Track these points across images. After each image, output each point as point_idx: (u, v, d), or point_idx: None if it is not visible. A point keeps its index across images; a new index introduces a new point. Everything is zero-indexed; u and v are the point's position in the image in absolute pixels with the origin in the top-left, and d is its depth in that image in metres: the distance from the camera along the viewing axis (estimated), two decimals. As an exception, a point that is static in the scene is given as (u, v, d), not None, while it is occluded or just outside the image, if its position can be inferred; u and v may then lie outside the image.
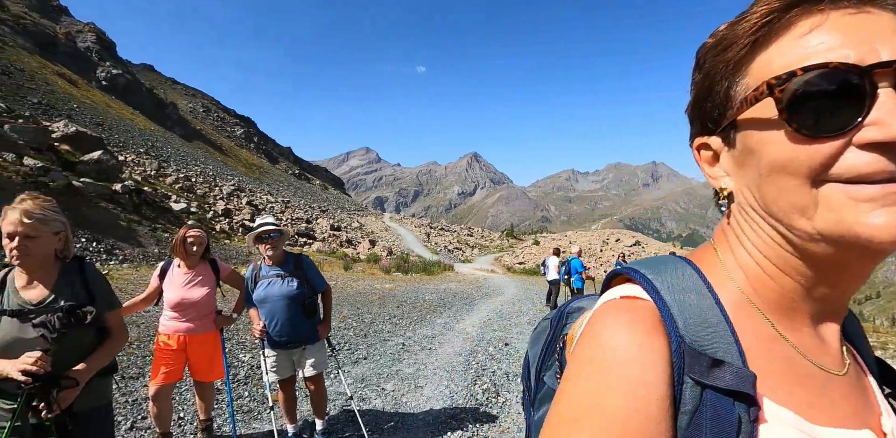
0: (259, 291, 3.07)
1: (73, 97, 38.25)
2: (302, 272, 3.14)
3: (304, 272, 3.15)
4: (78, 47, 53.10)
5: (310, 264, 3.24)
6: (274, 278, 3.09)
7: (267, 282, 3.08)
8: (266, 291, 3.04)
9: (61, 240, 1.79)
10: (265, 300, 3.04)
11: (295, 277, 3.10)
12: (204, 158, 47.54)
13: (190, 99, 79.40)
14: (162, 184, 26.54)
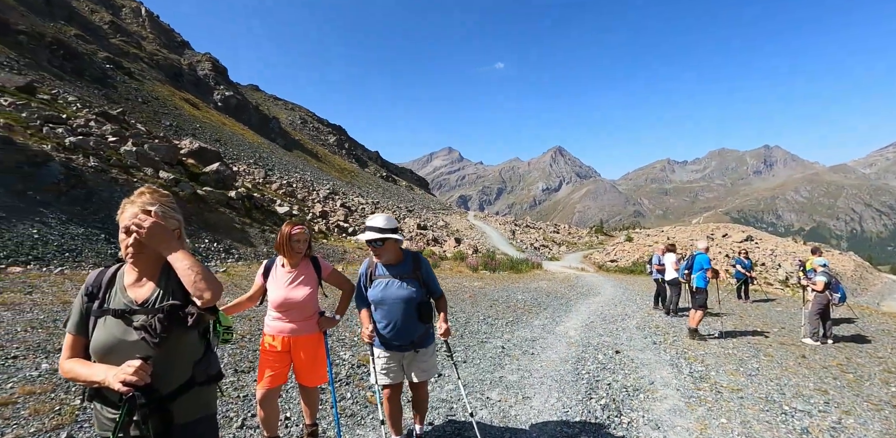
0: (375, 291, 2.91)
1: (196, 118, 43.78)
2: (420, 274, 2.95)
3: (423, 275, 2.97)
4: (198, 75, 60.61)
5: (428, 268, 3.03)
6: (391, 278, 2.91)
7: (384, 282, 2.91)
8: (384, 292, 2.88)
9: (178, 235, 1.71)
10: (382, 301, 2.88)
11: (413, 279, 2.92)
12: (302, 166, 51.55)
13: (289, 113, 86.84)
14: (268, 190, 29.07)
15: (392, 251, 2.94)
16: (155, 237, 1.56)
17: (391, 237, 2.88)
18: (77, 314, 1.64)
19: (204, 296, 1.53)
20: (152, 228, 1.55)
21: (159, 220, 1.59)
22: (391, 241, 2.90)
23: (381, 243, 2.87)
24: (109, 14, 53.86)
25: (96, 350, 1.56)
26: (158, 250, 1.59)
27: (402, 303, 2.84)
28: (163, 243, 1.57)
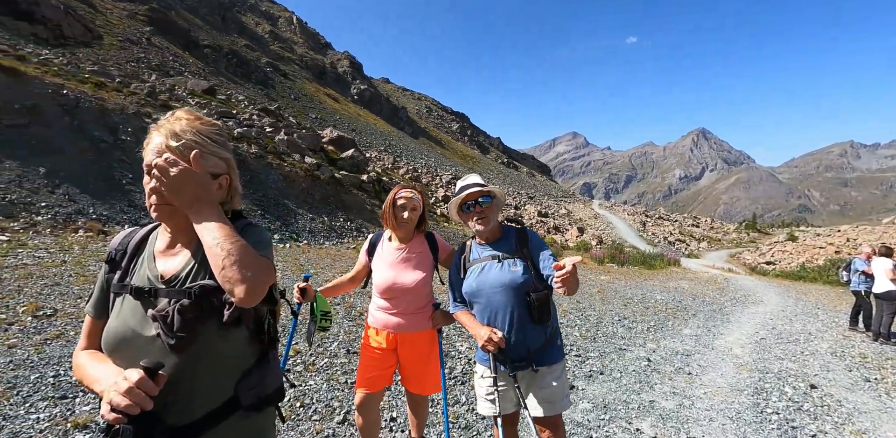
0: (469, 280, 2.13)
1: (336, 111, 48.22)
2: (528, 252, 2.09)
3: (531, 253, 2.09)
4: (338, 72, 66.49)
5: (540, 244, 2.12)
6: (489, 261, 2.11)
7: (480, 267, 2.12)
8: (479, 279, 2.08)
9: (222, 187, 1.15)
10: (478, 292, 2.07)
11: (518, 258, 2.07)
12: (427, 152, 53.53)
13: (416, 102, 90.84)
14: (396, 174, 30.57)
15: (496, 218, 2.19)
16: (176, 187, 1.00)
17: (495, 193, 2.17)
18: (98, 289, 1.17)
19: (234, 292, 0.96)
20: (176, 171, 1.00)
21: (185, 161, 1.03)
22: (495, 200, 2.19)
23: (490, 199, 2.15)
24: (269, 24, 61.72)
25: (105, 344, 1.08)
26: (180, 207, 1.03)
27: (505, 292, 2.01)
28: (186, 198, 1.01)
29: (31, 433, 2.64)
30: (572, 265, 1.62)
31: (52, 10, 26.80)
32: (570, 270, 1.62)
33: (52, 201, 9.59)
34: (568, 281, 1.64)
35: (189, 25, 41.18)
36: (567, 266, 1.61)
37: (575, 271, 1.64)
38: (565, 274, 1.61)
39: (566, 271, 1.61)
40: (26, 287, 5.20)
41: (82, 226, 9.16)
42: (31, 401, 2.96)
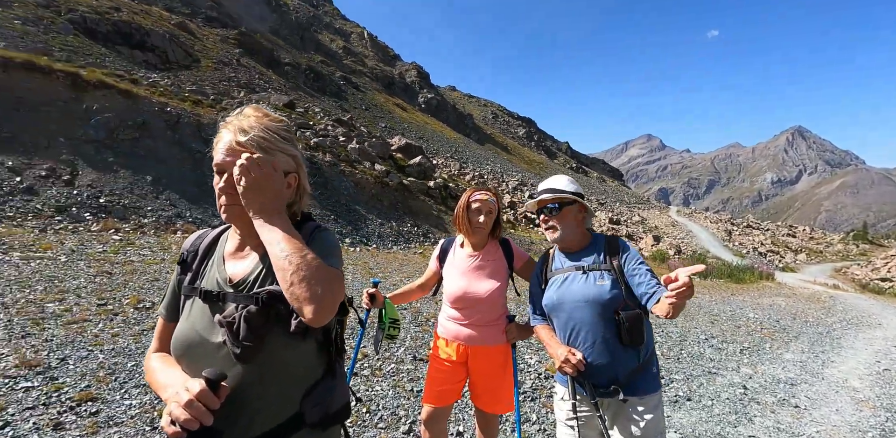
0: (549, 292, 1.92)
1: (404, 119, 49.70)
2: (619, 265, 1.83)
3: (623, 266, 1.83)
4: (406, 82, 68.58)
5: (633, 255, 1.85)
6: (572, 271, 1.89)
7: (562, 278, 1.90)
8: (560, 292, 1.87)
9: (291, 186, 1.08)
10: (559, 306, 1.86)
11: (606, 271, 1.82)
12: (493, 158, 53.33)
13: (482, 109, 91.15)
14: (462, 181, 30.70)
15: (572, 226, 1.93)
16: (253, 190, 0.96)
17: (571, 199, 1.92)
18: (170, 290, 1.15)
19: (303, 311, 0.89)
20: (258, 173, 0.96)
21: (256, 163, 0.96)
22: (572, 209, 1.93)
23: (557, 209, 1.92)
24: (343, 40, 65.27)
25: (174, 348, 1.04)
26: (250, 211, 0.97)
27: (589, 308, 1.78)
28: (259, 202, 0.97)
29: (123, 418, 2.84)
30: (688, 277, 1.30)
31: (160, 38, 30.42)
32: (686, 282, 1.30)
33: (156, 206, 10.71)
34: (684, 296, 1.33)
35: (272, 46, 44.75)
36: (681, 278, 1.30)
37: (692, 286, 1.32)
38: (681, 288, 1.30)
39: (682, 284, 1.30)
40: (131, 282, 5.78)
41: (180, 228, 10.12)
42: (125, 388, 3.21)
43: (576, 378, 1.77)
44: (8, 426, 2.60)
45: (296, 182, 1.09)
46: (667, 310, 1.52)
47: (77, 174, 10.47)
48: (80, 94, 12.37)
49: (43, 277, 5.46)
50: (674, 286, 1.32)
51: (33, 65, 12.30)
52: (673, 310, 1.47)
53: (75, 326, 4.15)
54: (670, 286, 1.34)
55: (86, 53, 23.95)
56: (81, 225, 8.97)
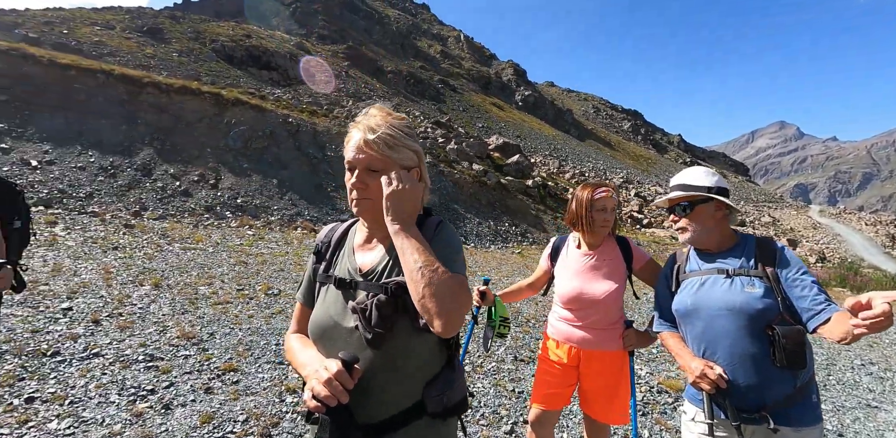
0: (682, 296, 1.67)
1: (501, 118, 49.47)
2: (774, 273, 1.53)
3: (779, 272, 1.53)
4: (503, 81, 68.24)
5: (794, 263, 1.53)
6: (713, 274, 1.62)
7: (699, 281, 1.64)
8: (697, 296, 1.61)
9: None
10: (693, 312, 1.61)
11: (757, 278, 1.54)
12: (595, 155, 50.63)
13: (582, 103, 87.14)
14: (561, 179, 29.61)
15: (707, 227, 1.66)
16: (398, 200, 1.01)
17: (705, 196, 1.64)
18: (306, 278, 1.25)
19: (433, 323, 0.92)
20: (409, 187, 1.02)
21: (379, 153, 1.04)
22: (707, 207, 1.65)
23: (689, 208, 1.67)
24: (440, 45, 67.15)
25: (311, 331, 1.13)
26: (389, 218, 1.01)
27: (733, 317, 1.51)
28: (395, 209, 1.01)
29: (257, 389, 3.15)
30: (887, 305, 1.02)
31: (282, 58, 34.14)
32: (886, 311, 1.02)
33: (281, 205, 11.99)
34: (878, 328, 1.06)
35: (376, 56, 47.73)
36: (877, 306, 1.03)
37: (892, 316, 1.03)
38: (878, 317, 1.03)
39: (879, 313, 1.03)
40: (262, 271, 6.50)
41: (300, 225, 11.20)
42: (259, 363, 3.57)
43: (713, 397, 1.51)
44: (172, 386, 3.04)
45: (418, 176, 1.12)
46: (845, 337, 1.23)
47: (220, 179, 12.16)
48: (222, 110, 14.37)
49: (196, 264, 6.38)
50: (868, 314, 1.04)
51: (188, 89, 14.59)
52: (853, 339, 1.19)
53: (220, 306, 4.76)
54: (863, 315, 1.05)
55: (225, 76, 27.85)
56: (223, 222, 10.38)
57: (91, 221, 8.25)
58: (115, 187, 10.40)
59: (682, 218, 1.69)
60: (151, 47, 28.61)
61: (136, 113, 12.92)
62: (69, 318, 3.92)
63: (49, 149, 10.60)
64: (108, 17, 32.06)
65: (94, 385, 2.92)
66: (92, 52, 23.58)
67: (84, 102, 12.36)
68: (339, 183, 14.28)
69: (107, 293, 4.68)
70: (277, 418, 2.84)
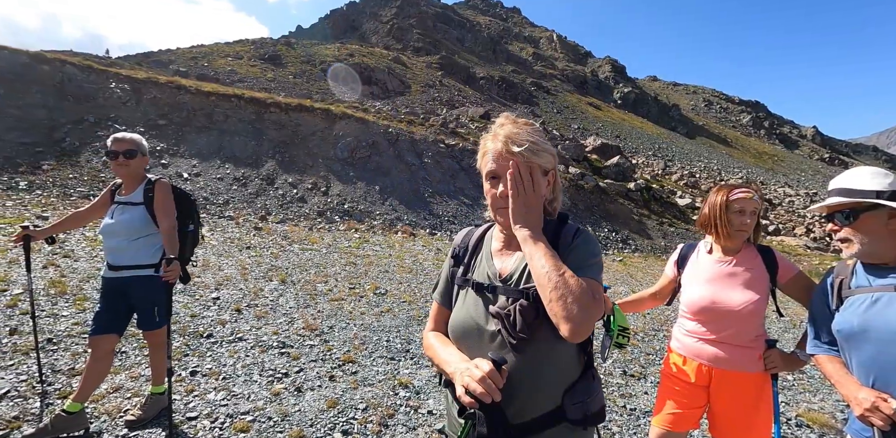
0: (847, 315, 1.43)
1: (598, 119, 47.18)
2: None
3: None
4: (600, 79, 65.14)
5: None
6: (889, 292, 1.37)
7: (870, 299, 1.40)
8: (866, 317, 1.38)
9: (550, 183, 1.13)
10: (862, 335, 1.38)
11: None
12: (707, 153, 45.88)
13: (691, 97, 79.65)
14: (667, 181, 27.33)
15: (877, 239, 1.40)
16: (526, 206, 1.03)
17: (872, 203, 1.37)
18: (443, 279, 1.30)
19: (560, 327, 0.92)
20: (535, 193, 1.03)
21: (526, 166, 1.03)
22: (876, 216, 1.39)
23: (852, 216, 1.42)
24: (532, 47, 66.21)
25: (452, 331, 1.19)
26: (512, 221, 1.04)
27: None
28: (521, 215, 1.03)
29: (373, 381, 3.34)
30: None
31: (381, 73, 36.33)
32: None
33: (382, 210, 12.71)
34: None
35: (468, 63, 48.57)
36: None
37: None
38: None
39: None
40: (369, 271, 6.92)
41: (400, 229, 11.74)
42: (373, 357, 3.78)
43: (886, 434, 1.27)
44: (301, 371, 3.35)
45: (554, 179, 1.13)
46: None
47: (330, 186, 13.26)
48: (332, 124, 15.69)
49: (313, 263, 7.01)
50: None
51: (303, 106, 16.20)
52: None
53: (336, 303, 5.16)
54: None
55: (332, 93, 30.42)
56: (333, 225, 11.29)
57: (228, 224, 9.51)
58: (246, 195, 11.89)
59: (845, 228, 1.45)
60: (272, 72, 32.37)
61: (262, 130, 14.66)
62: (218, 306, 4.54)
63: (196, 163, 12.47)
64: (238, 48, 37.00)
65: (241, 365, 3.34)
66: (227, 79, 27.36)
67: (222, 122, 14.35)
68: (435, 189, 14.74)
69: (244, 286, 5.34)
70: (392, 410, 2.98)
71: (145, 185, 2.45)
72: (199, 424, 2.58)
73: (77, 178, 10.30)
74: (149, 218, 2.40)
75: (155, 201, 2.40)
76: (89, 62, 15.35)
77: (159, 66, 27.17)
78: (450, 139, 18.31)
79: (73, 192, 9.69)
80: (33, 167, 10.25)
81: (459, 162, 16.93)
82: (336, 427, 2.71)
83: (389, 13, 58.23)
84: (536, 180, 1.03)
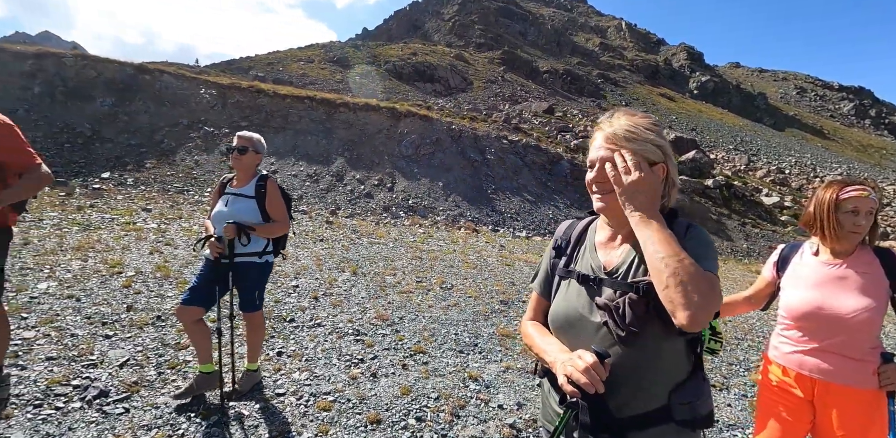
0: None
1: (672, 110, 44.30)
2: None
3: None
4: (673, 68, 61.06)
5: None
6: None
7: None
8: None
9: (660, 178, 1.08)
10: None
11: None
12: (799, 147, 41.47)
13: (780, 84, 72.29)
14: (751, 178, 25.16)
15: None
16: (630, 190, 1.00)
17: None
18: (543, 270, 1.31)
19: (676, 315, 0.89)
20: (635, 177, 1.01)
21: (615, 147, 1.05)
22: None
23: None
24: (598, 37, 63.46)
25: (552, 321, 1.19)
26: (623, 207, 1.02)
27: None
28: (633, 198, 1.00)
29: (444, 372, 3.39)
30: None
31: (443, 70, 36.59)
32: None
33: (445, 206, 12.84)
34: None
35: (531, 57, 47.56)
36: None
37: None
38: None
39: None
40: (435, 266, 7.03)
41: (463, 225, 11.81)
42: (442, 349, 3.84)
43: None
44: (376, 358, 3.48)
45: (664, 173, 1.09)
46: None
47: (395, 183, 13.62)
48: (396, 122, 16.09)
49: (381, 256, 7.24)
50: None
51: (370, 106, 16.75)
52: None
53: (405, 295, 5.30)
54: None
55: (397, 92, 31.14)
56: (398, 221, 11.59)
57: (302, 218, 10.08)
58: (318, 191, 12.54)
59: None
60: (340, 73, 33.79)
61: (332, 129, 15.36)
62: (297, 293, 4.84)
63: (273, 161, 13.35)
64: (309, 53, 39.00)
65: (320, 349, 3.53)
66: (299, 82, 28.95)
67: (296, 122, 15.23)
68: (497, 185, 14.65)
69: (320, 276, 5.64)
70: (463, 401, 3.01)
71: (257, 180, 2.69)
72: (286, 400, 2.76)
73: (173, 175, 11.42)
74: (258, 211, 2.64)
75: (268, 198, 2.65)
76: (182, 71, 16.94)
77: (241, 72, 29.35)
78: (513, 135, 18.08)
79: (170, 188, 10.77)
80: (138, 166, 11.51)
81: (523, 158, 16.67)
82: (410, 413, 2.79)
83: (451, 10, 58.47)
84: (641, 165, 1.02)
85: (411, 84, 34.29)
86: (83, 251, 5.26)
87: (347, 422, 2.62)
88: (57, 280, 4.25)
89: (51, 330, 3.26)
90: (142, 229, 6.90)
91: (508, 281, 6.60)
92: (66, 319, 3.48)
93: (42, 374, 2.70)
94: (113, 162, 11.37)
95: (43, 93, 13.04)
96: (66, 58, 14.29)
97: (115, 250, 5.54)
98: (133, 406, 2.52)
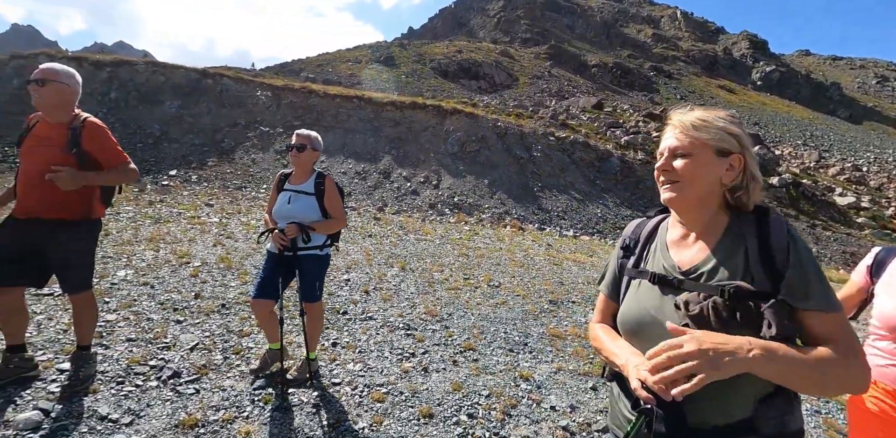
0: None
1: (732, 103, 41.68)
2: None
3: None
4: (734, 57, 57.36)
5: None
6: None
7: None
8: None
9: (733, 167, 1.02)
10: None
11: None
12: (879, 142, 37.76)
13: (857, 73, 66.08)
14: (823, 176, 23.25)
15: None
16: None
17: None
18: (611, 271, 1.27)
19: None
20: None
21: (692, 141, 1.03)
22: None
23: None
24: (651, 28, 60.64)
25: (622, 323, 1.14)
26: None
27: None
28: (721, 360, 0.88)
29: (494, 371, 3.36)
30: None
31: (488, 67, 36.29)
32: None
33: (491, 204, 12.76)
34: None
35: (578, 51, 46.22)
36: None
37: None
38: None
39: None
40: (481, 263, 7.00)
41: (508, 223, 11.69)
42: (492, 347, 3.81)
43: None
44: (427, 353, 3.51)
45: (740, 164, 1.03)
46: None
47: (441, 180, 13.69)
48: (442, 120, 16.15)
49: (428, 253, 7.30)
50: None
51: (415, 104, 16.92)
52: None
53: (453, 291, 5.30)
54: None
55: (442, 89, 31.26)
56: (444, 218, 11.64)
57: (351, 214, 10.35)
58: (366, 188, 12.83)
59: None
60: (386, 73, 34.37)
61: (379, 127, 15.65)
62: (349, 287, 4.96)
63: (324, 159, 13.78)
64: (356, 53, 39.94)
65: (373, 342, 3.60)
66: (348, 82, 29.73)
67: (345, 121, 15.64)
68: (544, 183, 14.36)
69: (370, 270, 5.76)
70: (515, 400, 2.96)
71: (315, 178, 2.81)
72: (342, 389, 2.84)
73: (232, 172, 12.07)
74: (318, 208, 2.77)
75: (326, 195, 2.77)
76: (240, 75, 17.83)
77: (293, 74, 30.52)
78: (560, 132, 17.66)
79: (229, 184, 11.39)
80: (201, 164, 12.25)
81: (570, 155, 16.26)
82: (462, 409, 2.78)
83: (496, 6, 57.93)
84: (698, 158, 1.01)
85: (456, 82, 34.31)
86: (155, 243, 5.65)
87: (400, 414, 2.65)
88: (133, 269, 4.59)
89: (129, 314, 3.53)
90: (205, 222, 7.34)
91: (557, 281, 6.46)
92: (142, 304, 3.76)
93: (123, 354, 2.92)
94: (179, 161, 12.17)
95: (118, 97, 14.17)
96: (139, 65, 15.45)
97: (182, 241, 5.92)
98: (203, 388, 2.67)
